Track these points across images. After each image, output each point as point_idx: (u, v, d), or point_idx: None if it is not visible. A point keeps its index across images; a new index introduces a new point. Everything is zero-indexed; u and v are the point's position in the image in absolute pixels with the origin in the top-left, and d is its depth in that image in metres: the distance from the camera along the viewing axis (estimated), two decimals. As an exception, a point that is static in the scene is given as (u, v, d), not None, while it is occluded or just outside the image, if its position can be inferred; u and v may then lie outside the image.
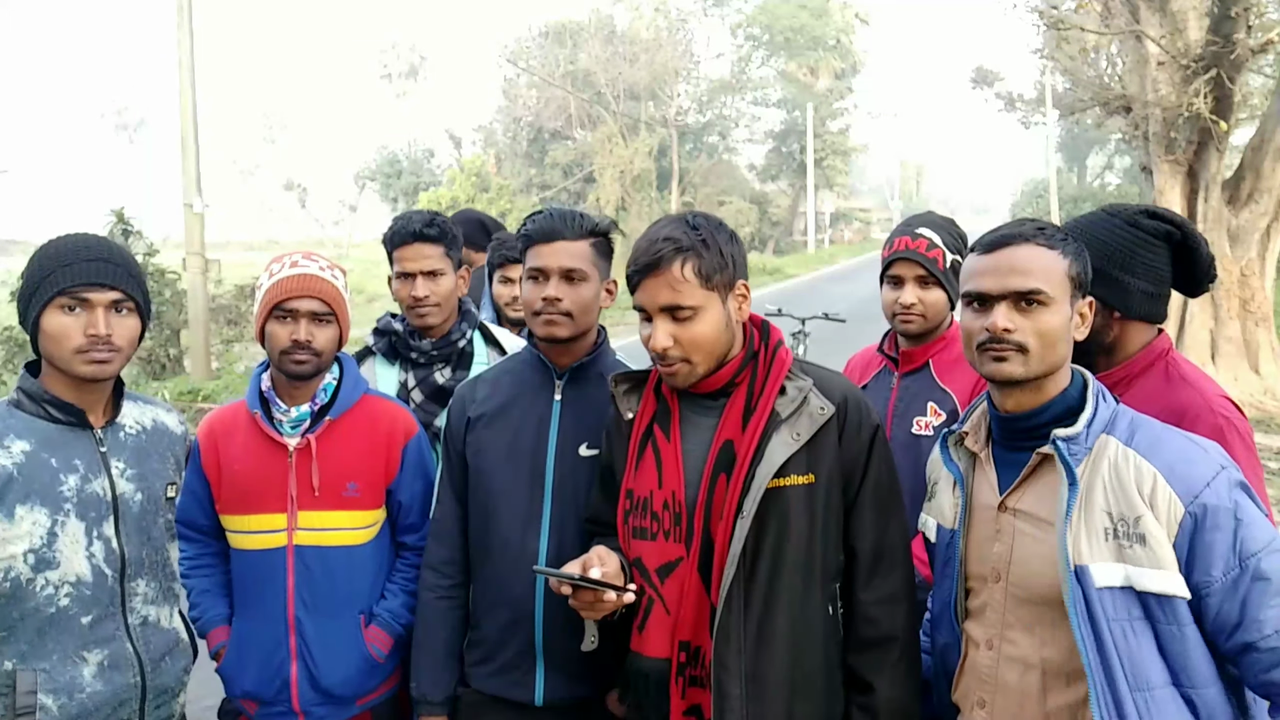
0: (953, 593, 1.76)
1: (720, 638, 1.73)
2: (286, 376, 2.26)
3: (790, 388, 1.81)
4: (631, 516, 1.87)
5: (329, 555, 2.27)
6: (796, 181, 45.37)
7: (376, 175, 42.23)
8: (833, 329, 8.36)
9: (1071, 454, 1.58)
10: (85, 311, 1.84)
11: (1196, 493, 1.49)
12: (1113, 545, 1.53)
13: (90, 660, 1.85)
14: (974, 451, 1.78)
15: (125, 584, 1.92)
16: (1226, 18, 8.85)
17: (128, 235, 12.82)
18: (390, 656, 2.35)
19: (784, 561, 1.76)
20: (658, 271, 1.76)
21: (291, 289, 2.21)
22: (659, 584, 1.81)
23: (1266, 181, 9.42)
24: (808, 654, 1.78)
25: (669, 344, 1.76)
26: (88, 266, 1.84)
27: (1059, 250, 1.64)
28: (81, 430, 1.90)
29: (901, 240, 2.46)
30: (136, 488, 1.95)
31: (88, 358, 1.84)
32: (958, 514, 1.76)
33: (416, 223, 2.63)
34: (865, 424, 1.84)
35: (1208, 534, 1.48)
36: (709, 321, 1.78)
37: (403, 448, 2.36)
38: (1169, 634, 1.51)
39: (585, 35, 36.83)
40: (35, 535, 1.79)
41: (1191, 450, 1.56)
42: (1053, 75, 23.34)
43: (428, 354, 2.68)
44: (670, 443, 1.85)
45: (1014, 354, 1.61)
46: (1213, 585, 1.48)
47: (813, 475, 1.78)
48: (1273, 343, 9.96)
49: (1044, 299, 1.60)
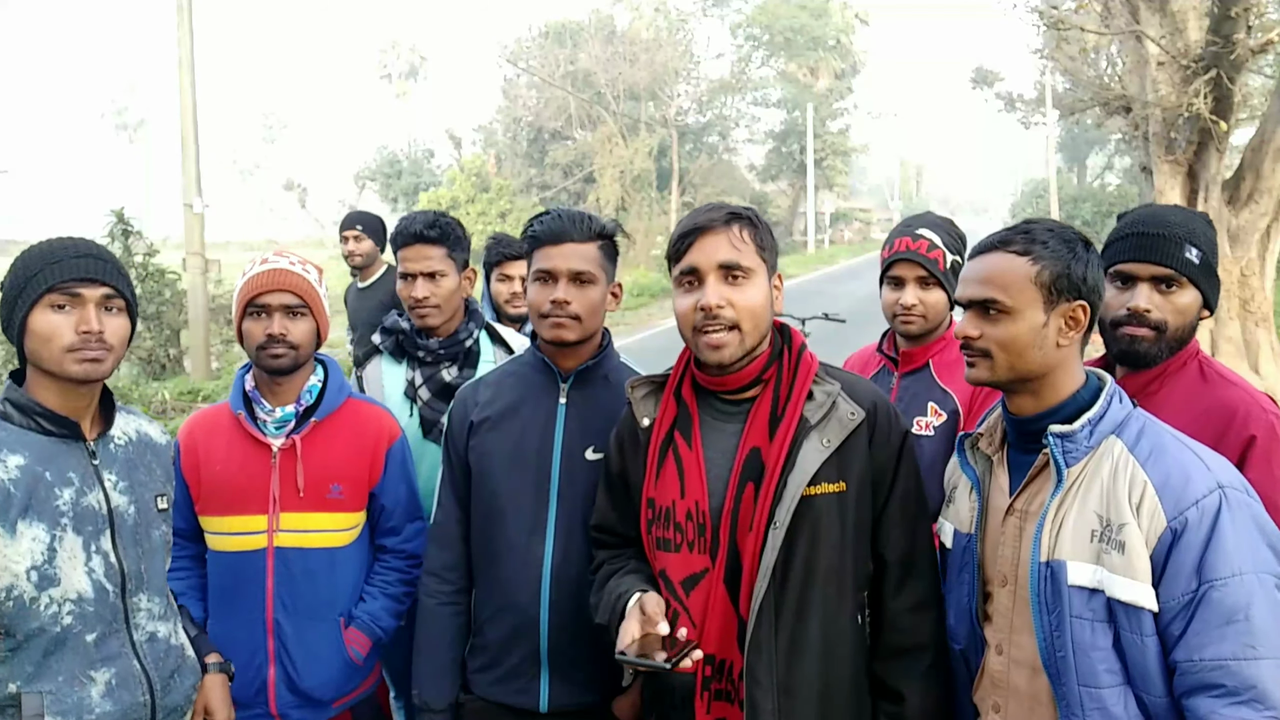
0: (972, 597, 1.76)
1: (752, 651, 1.70)
2: (266, 372, 2.27)
3: (818, 392, 1.77)
4: (654, 527, 1.83)
5: (310, 557, 2.27)
6: (796, 181, 45.35)
7: (376, 175, 42.17)
8: (833, 329, 8.36)
9: (1066, 451, 1.60)
10: (76, 309, 1.77)
11: (1182, 509, 1.50)
12: (1095, 547, 1.55)
13: (98, 680, 1.78)
14: (988, 455, 1.78)
15: (127, 599, 1.85)
16: (1226, 18, 8.84)
17: (128, 235, 12.81)
18: (368, 657, 2.35)
19: (816, 572, 1.72)
20: (717, 230, 1.75)
21: (263, 284, 2.22)
22: (684, 596, 1.77)
23: (1266, 181, 9.40)
24: (838, 665, 1.76)
25: (723, 303, 1.72)
26: (77, 263, 1.78)
27: (1029, 257, 1.62)
28: (74, 442, 1.83)
29: (902, 241, 2.46)
30: (130, 500, 1.89)
31: (80, 356, 1.76)
32: (974, 518, 1.76)
33: (418, 224, 2.64)
34: (895, 430, 1.81)
35: (1180, 552, 1.49)
36: (759, 289, 1.76)
37: (386, 451, 2.37)
38: (1131, 641, 1.53)
39: (585, 35, 36.80)
40: (36, 552, 1.72)
41: (1192, 466, 1.55)
42: (1053, 75, 23.31)
43: (434, 353, 2.68)
44: (692, 450, 1.80)
45: (979, 359, 1.65)
46: (1172, 602, 1.49)
47: (844, 483, 1.74)
48: (1273, 343, 9.95)
49: (1003, 307, 1.62)
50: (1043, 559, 1.60)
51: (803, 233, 45.29)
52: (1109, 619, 1.54)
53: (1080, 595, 1.55)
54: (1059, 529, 1.59)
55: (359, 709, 2.39)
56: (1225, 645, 1.44)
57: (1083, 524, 1.57)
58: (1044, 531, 1.59)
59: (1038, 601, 1.60)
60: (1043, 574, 1.59)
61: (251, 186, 52.32)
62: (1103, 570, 1.54)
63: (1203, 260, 1.93)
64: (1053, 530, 1.59)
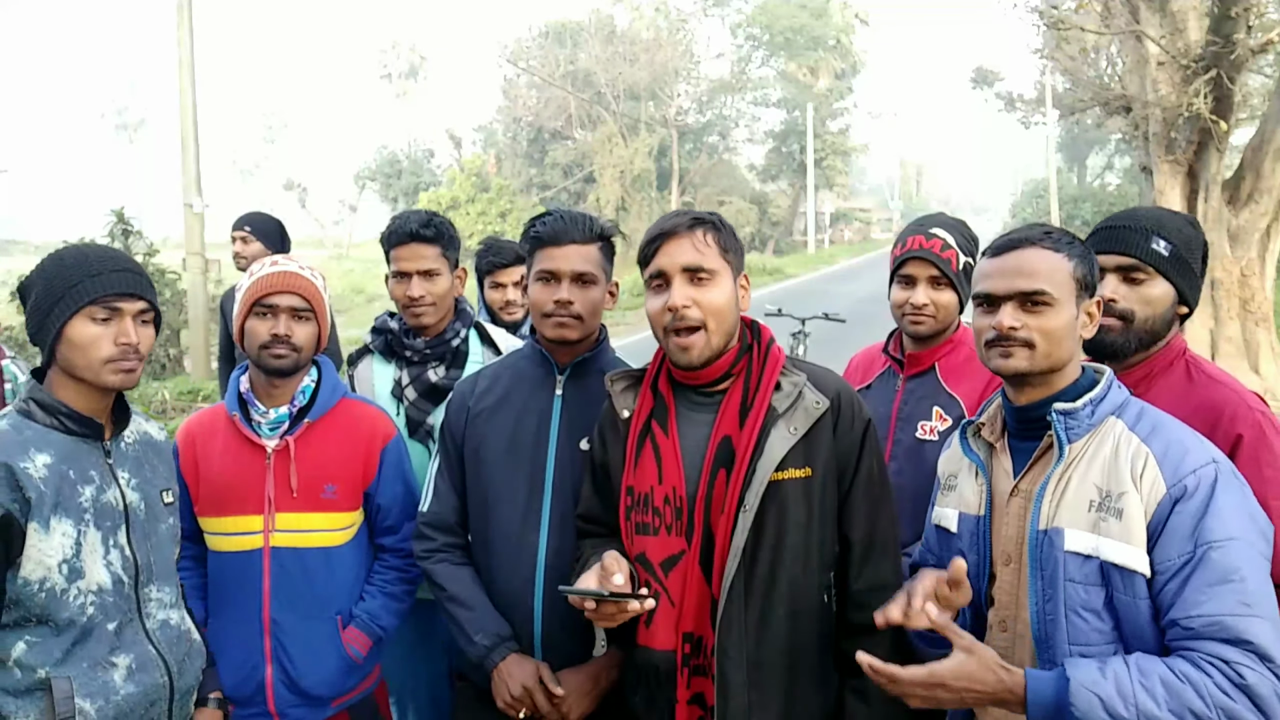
0: (983, 579, 1.81)
1: (723, 627, 1.78)
2: (265, 373, 2.27)
3: (785, 383, 1.87)
4: (634, 512, 1.90)
5: (306, 556, 2.28)
6: (796, 181, 45.35)
7: (376, 175, 42.23)
8: (833, 329, 8.37)
9: (1068, 428, 1.68)
10: (115, 321, 1.85)
11: (1181, 476, 1.57)
12: (1092, 517, 1.62)
13: (120, 664, 1.86)
14: (990, 442, 1.85)
15: (139, 590, 1.93)
16: (1226, 18, 8.84)
17: (128, 235, 12.82)
18: (368, 657, 2.36)
19: (783, 552, 1.81)
20: (681, 235, 1.85)
21: (272, 285, 2.24)
22: (663, 578, 1.85)
23: (1266, 181, 9.40)
24: (805, 640, 1.84)
25: (688, 303, 1.81)
26: (118, 277, 1.86)
27: (1064, 253, 1.72)
28: (93, 442, 1.90)
29: (915, 239, 2.40)
30: (140, 496, 1.97)
31: (118, 366, 1.85)
32: (983, 499, 1.82)
33: (413, 223, 2.64)
34: (858, 418, 1.90)
35: (1176, 517, 1.55)
36: (724, 290, 1.85)
37: (381, 450, 2.37)
38: (1124, 602, 1.59)
39: (585, 35, 36.84)
40: (65, 546, 1.80)
41: (1190, 440, 1.63)
42: (1053, 75, 23.34)
43: (421, 352, 2.69)
44: (669, 439, 1.88)
45: (1019, 349, 1.70)
46: (1168, 564, 1.55)
47: (809, 468, 1.83)
48: (1273, 343, 9.95)
49: (1048, 299, 1.69)
50: (1040, 527, 1.67)
51: (803, 232, 45.29)
52: (1102, 582, 1.60)
53: (1075, 560, 1.62)
54: (1058, 500, 1.66)
55: (357, 709, 2.40)
56: (1222, 603, 1.49)
57: (1081, 495, 1.63)
58: (1043, 502, 1.67)
59: (1034, 568, 1.67)
60: (1039, 540, 1.66)
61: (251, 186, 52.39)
62: (1099, 537, 1.60)
63: (1173, 253, 1.96)
64: (1052, 501, 1.66)
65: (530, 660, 2.05)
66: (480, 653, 2.05)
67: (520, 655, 2.06)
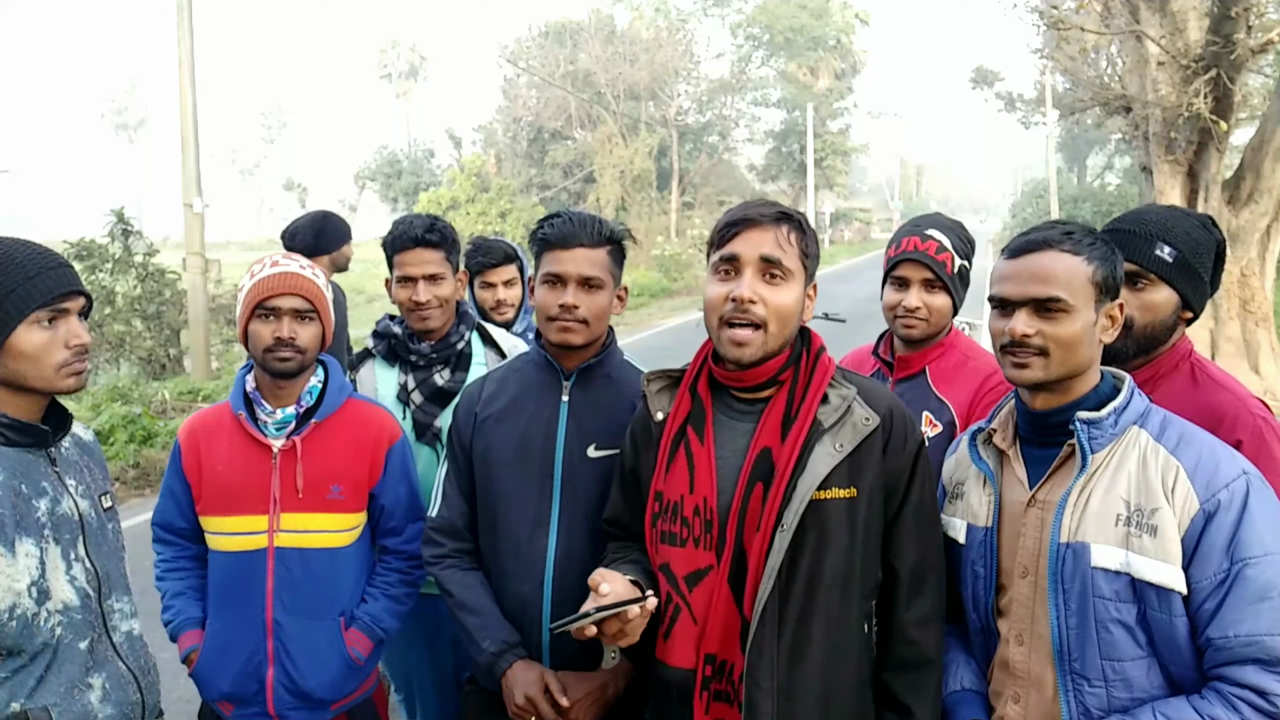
0: (990, 591, 1.77)
1: (753, 652, 1.67)
2: (270, 375, 2.26)
3: (833, 396, 1.75)
4: (660, 520, 1.81)
5: (310, 557, 2.27)
6: (796, 181, 45.34)
7: (376, 175, 42.23)
8: (832, 329, 8.35)
9: (1092, 438, 1.62)
10: (61, 322, 1.72)
11: (1214, 491, 1.53)
12: (1121, 531, 1.57)
13: (95, 686, 1.77)
14: (1001, 449, 1.79)
15: (103, 603, 1.82)
16: (1226, 18, 8.83)
17: (128, 235, 12.81)
18: (369, 658, 2.35)
19: (821, 577, 1.70)
20: (766, 226, 1.73)
21: (274, 287, 2.22)
22: (686, 592, 1.75)
23: (1266, 181, 9.40)
24: (841, 672, 1.73)
25: (755, 298, 1.70)
26: (55, 275, 1.72)
27: (1084, 256, 1.65)
28: (38, 451, 1.77)
29: (910, 241, 2.35)
30: (89, 504, 1.85)
31: (71, 369, 1.73)
32: (991, 511, 1.77)
33: (418, 228, 2.64)
34: (910, 438, 1.77)
35: (1212, 532, 1.52)
36: (794, 294, 1.74)
37: (386, 451, 2.36)
38: (1159, 620, 1.55)
39: (585, 35, 36.82)
40: (31, 568, 1.68)
41: (1220, 451, 1.59)
42: (1053, 75, 23.33)
43: (426, 356, 2.69)
44: (704, 446, 1.78)
45: (1034, 358, 1.65)
46: (1205, 582, 1.52)
47: (854, 489, 1.71)
48: (1273, 343, 9.95)
49: (1064, 306, 1.63)
50: (1063, 540, 1.61)
51: (803, 232, 45.22)
52: (1134, 598, 1.56)
53: (1104, 576, 1.57)
54: (1081, 513, 1.61)
55: (356, 712, 2.39)
56: (1260, 621, 1.47)
57: (1108, 508, 1.58)
58: (1065, 514, 1.61)
59: (1054, 582, 1.61)
60: (1061, 554, 1.61)
61: (251, 186, 52.38)
62: (1131, 554, 1.55)
63: (1179, 260, 1.93)
64: (1074, 514, 1.61)
65: (536, 667, 2.00)
66: (488, 659, 2.02)
67: (527, 662, 2.01)
